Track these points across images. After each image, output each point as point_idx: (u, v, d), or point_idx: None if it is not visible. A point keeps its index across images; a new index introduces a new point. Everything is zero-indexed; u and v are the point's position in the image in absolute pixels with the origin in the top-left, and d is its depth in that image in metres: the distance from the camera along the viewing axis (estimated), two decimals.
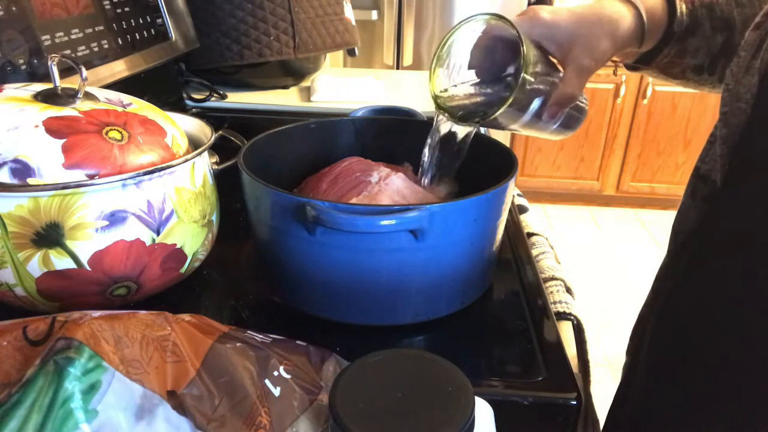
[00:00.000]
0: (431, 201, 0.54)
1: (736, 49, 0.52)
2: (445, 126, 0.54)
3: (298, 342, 0.40)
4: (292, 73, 1.18)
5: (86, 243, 0.43)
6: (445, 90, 0.55)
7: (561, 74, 0.52)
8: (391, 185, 0.53)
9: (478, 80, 0.56)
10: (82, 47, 0.70)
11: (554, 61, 0.53)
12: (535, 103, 0.51)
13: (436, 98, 0.54)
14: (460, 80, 0.56)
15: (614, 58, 0.57)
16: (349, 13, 1.20)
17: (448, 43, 0.53)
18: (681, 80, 0.61)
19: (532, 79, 0.49)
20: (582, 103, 0.57)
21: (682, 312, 0.48)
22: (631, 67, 0.61)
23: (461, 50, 0.54)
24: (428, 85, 0.55)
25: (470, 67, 0.55)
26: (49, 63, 0.45)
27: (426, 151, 0.57)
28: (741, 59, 0.45)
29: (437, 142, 0.56)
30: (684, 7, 0.55)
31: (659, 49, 0.56)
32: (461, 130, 0.54)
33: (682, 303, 0.48)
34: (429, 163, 0.57)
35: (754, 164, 0.43)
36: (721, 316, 0.44)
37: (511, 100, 0.47)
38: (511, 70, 0.54)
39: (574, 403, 0.43)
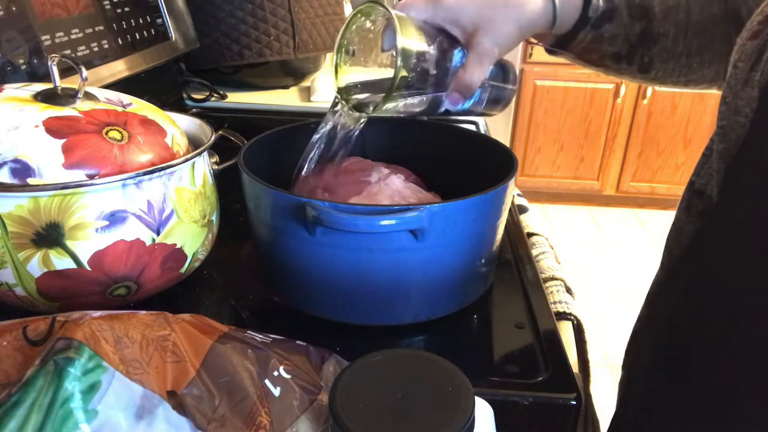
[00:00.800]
0: (431, 201, 0.54)
1: (655, 39, 0.54)
2: (336, 117, 0.54)
3: (298, 342, 0.40)
4: (292, 73, 1.18)
5: (86, 243, 0.43)
6: (354, 85, 0.55)
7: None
8: (390, 185, 0.53)
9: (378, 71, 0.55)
10: (82, 47, 0.70)
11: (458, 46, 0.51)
12: (430, 90, 0.50)
13: (339, 91, 0.53)
14: (364, 71, 0.55)
15: (531, 39, 0.57)
16: (349, 13, 1.20)
17: (346, 38, 0.53)
18: (599, 67, 0.60)
19: (411, 66, 0.47)
20: (498, 83, 0.55)
21: (682, 331, 0.47)
22: (548, 51, 0.59)
23: (365, 41, 0.53)
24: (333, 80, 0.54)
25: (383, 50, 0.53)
26: (49, 63, 0.45)
27: (314, 142, 0.56)
28: (739, 71, 0.42)
29: (324, 134, 0.55)
30: None
31: (574, 34, 0.55)
32: (351, 121, 0.53)
33: (680, 321, 0.47)
34: (311, 158, 0.56)
35: (753, 180, 0.42)
36: (723, 336, 0.43)
37: (391, 89, 0.46)
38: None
39: (574, 403, 0.43)
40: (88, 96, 0.47)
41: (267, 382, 0.35)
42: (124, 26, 0.79)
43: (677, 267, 0.49)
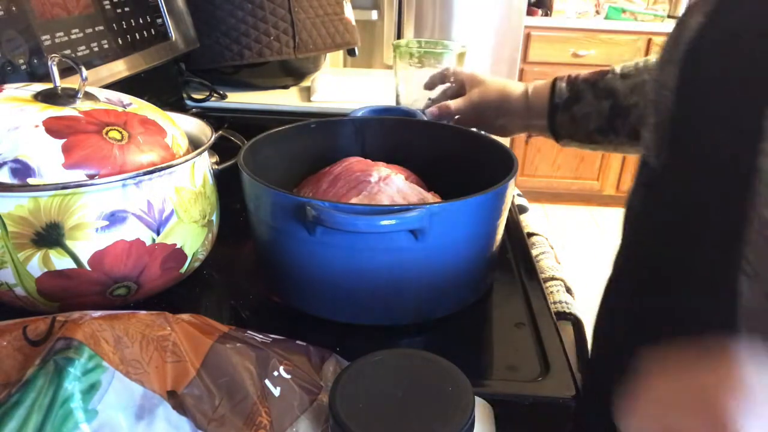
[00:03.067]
0: (431, 201, 0.54)
1: (629, 110, 0.67)
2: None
3: (298, 342, 0.40)
4: (292, 73, 1.18)
5: (86, 243, 0.43)
6: None
7: None
8: (390, 185, 0.53)
9: None
10: (82, 47, 0.70)
11: None
12: None
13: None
14: None
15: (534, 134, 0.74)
16: (349, 13, 1.20)
17: None
18: (595, 144, 0.71)
19: None
20: None
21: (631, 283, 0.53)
22: (554, 139, 0.74)
23: None
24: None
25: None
26: (49, 63, 0.45)
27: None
28: (664, 52, 0.49)
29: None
30: (564, 84, 0.69)
31: (552, 118, 0.69)
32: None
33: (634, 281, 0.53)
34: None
35: (682, 148, 0.47)
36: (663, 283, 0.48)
37: None
38: None
39: (575, 403, 0.43)
40: (88, 96, 0.47)
41: (267, 382, 0.35)
42: (124, 26, 0.79)
43: (634, 236, 0.54)
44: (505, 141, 0.66)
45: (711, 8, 0.45)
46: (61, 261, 0.43)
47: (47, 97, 0.45)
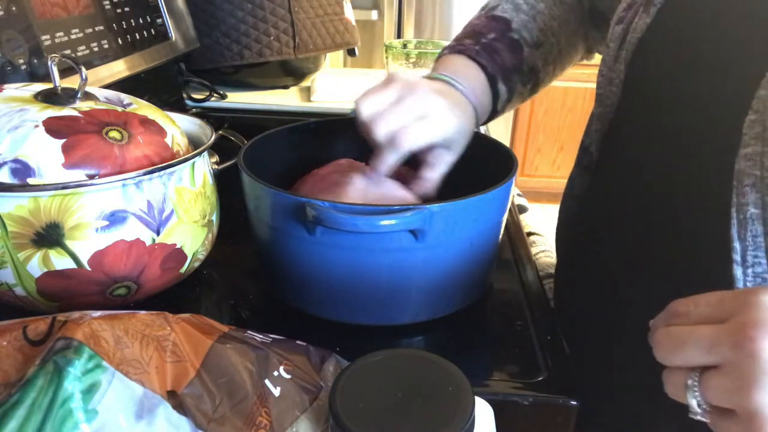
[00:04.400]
0: (406, 202, 0.54)
1: (543, 81, 0.65)
2: None
3: (298, 342, 0.40)
4: (292, 73, 1.18)
5: (86, 243, 0.43)
6: None
7: None
8: (372, 189, 0.52)
9: None
10: (82, 47, 0.70)
11: None
12: None
13: None
14: None
15: None
16: (349, 13, 1.20)
17: None
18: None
19: None
20: None
21: (578, 259, 0.59)
22: None
23: None
24: None
25: None
26: (49, 63, 0.45)
27: None
28: (610, 50, 0.52)
29: None
30: (503, 86, 0.59)
31: (486, 121, 0.62)
32: None
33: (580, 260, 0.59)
34: None
35: (623, 138, 0.51)
36: (607, 260, 0.53)
37: None
38: None
39: (574, 403, 0.43)
40: (88, 96, 0.47)
41: (267, 382, 0.35)
42: (124, 26, 0.79)
43: (576, 216, 0.60)
44: (505, 141, 0.66)
45: (657, 9, 0.47)
46: (61, 261, 0.43)
47: (47, 97, 0.45)
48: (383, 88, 0.50)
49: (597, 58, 0.62)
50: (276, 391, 0.35)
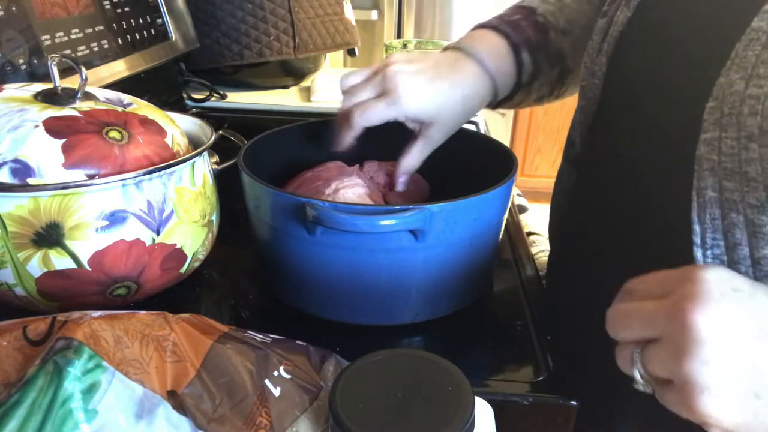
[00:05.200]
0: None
1: (569, 72, 0.62)
2: None
3: (298, 342, 0.40)
4: (292, 73, 1.18)
5: (86, 243, 0.43)
6: None
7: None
8: (339, 198, 0.52)
9: None
10: (82, 47, 0.70)
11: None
12: None
13: None
14: None
15: None
16: (349, 13, 1.19)
17: None
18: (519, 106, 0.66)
19: None
20: None
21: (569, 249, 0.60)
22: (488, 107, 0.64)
23: None
24: None
25: None
26: (49, 63, 0.45)
27: None
28: (594, 42, 0.52)
29: None
30: (528, 56, 0.58)
31: (510, 98, 0.60)
32: None
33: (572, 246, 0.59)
34: None
35: (605, 130, 0.52)
36: (595, 251, 0.54)
37: None
38: None
39: (574, 403, 0.43)
40: (88, 96, 0.47)
41: (267, 382, 0.35)
42: (124, 26, 0.79)
43: (566, 211, 0.61)
44: (505, 141, 0.66)
45: (637, 3, 0.48)
46: (61, 261, 0.43)
47: (47, 97, 0.45)
48: (366, 67, 0.53)
49: None
50: (276, 391, 0.35)
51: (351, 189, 0.53)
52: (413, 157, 0.55)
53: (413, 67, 0.52)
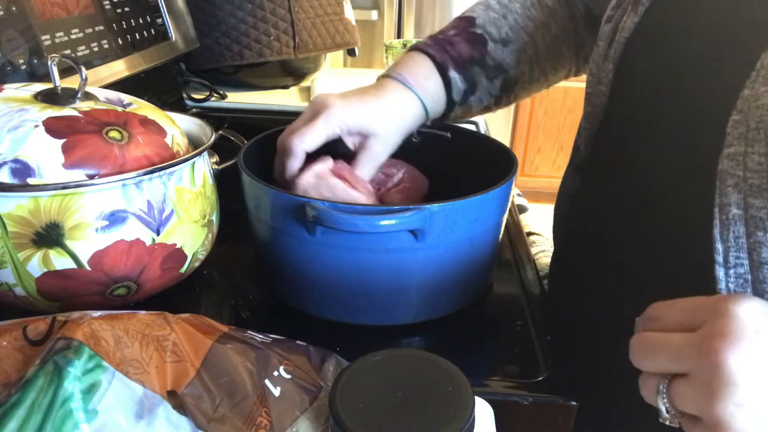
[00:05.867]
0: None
1: (515, 82, 0.65)
2: None
3: (298, 342, 0.40)
4: (292, 73, 1.18)
5: (86, 243, 0.43)
6: None
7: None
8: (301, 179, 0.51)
9: None
10: (82, 47, 0.70)
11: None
12: None
13: None
14: None
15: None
16: (349, 13, 1.20)
17: None
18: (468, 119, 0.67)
19: None
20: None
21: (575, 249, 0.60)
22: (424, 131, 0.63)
23: None
24: None
25: None
26: (49, 63, 0.45)
27: None
28: (600, 48, 0.52)
29: None
30: (456, 74, 0.58)
31: (446, 115, 0.61)
32: None
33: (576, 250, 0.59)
34: None
35: (611, 137, 0.52)
36: (601, 251, 0.54)
37: None
38: None
39: (574, 403, 0.43)
40: (88, 96, 0.47)
41: (267, 382, 0.35)
42: (124, 26, 0.79)
43: (569, 215, 0.61)
44: (505, 141, 0.66)
45: (645, 9, 0.48)
46: (61, 261, 0.43)
47: (47, 97, 0.45)
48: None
49: None
50: (276, 391, 0.35)
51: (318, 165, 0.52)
52: (361, 170, 0.54)
53: (340, 93, 0.55)
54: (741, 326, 0.28)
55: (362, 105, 0.53)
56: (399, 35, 2.35)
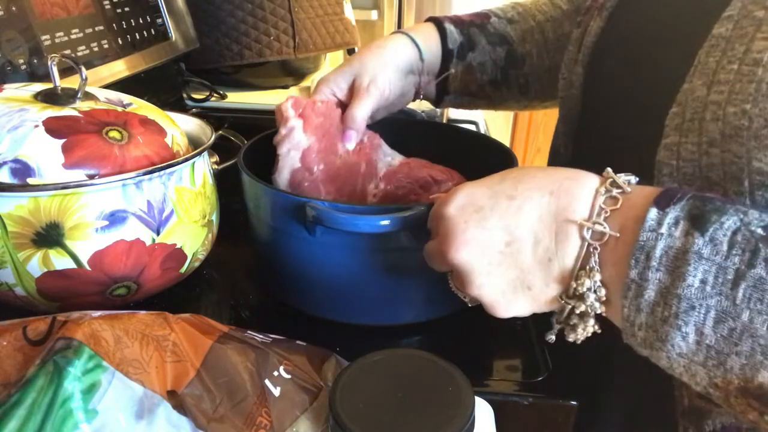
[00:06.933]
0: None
1: (522, 59, 0.64)
2: None
3: (298, 342, 0.40)
4: (292, 73, 1.18)
5: (86, 243, 0.43)
6: None
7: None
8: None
9: None
10: (82, 47, 0.70)
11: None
12: None
13: None
14: None
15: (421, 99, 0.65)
16: (349, 13, 1.19)
17: None
18: (485, 100, 0.66)
19: None
20: None
21: None
22: (436, 102, 0.66)
23: None
24: None
25: None
26: (49, 63, 0.45)
27: None
28: (570, 53, 0.54)
29: None
30: (453, 27, 0.62)
31: (446, 67, 0.62)
32: None
33: None
34: None
35: (587, 139, 0.53)
36: None
37: None
38: None
39: (574, 403, 0.43)
40: (88, 96, 0.47)
41: (267, 382, 0.35)
42: (124, 26, 0.79)
43: None
44: (505, 141, 0.66)
45: (608, 13, 0.50)
46: (61, 261, 0.43)
47: (47, 97, 0.45)
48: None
49: None
50: (276, 391, 0.35)
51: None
52: (354, 107, 0.56)
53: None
54: (453, 224, 0.36)
55: (348, 59, 0.58)
56: None
